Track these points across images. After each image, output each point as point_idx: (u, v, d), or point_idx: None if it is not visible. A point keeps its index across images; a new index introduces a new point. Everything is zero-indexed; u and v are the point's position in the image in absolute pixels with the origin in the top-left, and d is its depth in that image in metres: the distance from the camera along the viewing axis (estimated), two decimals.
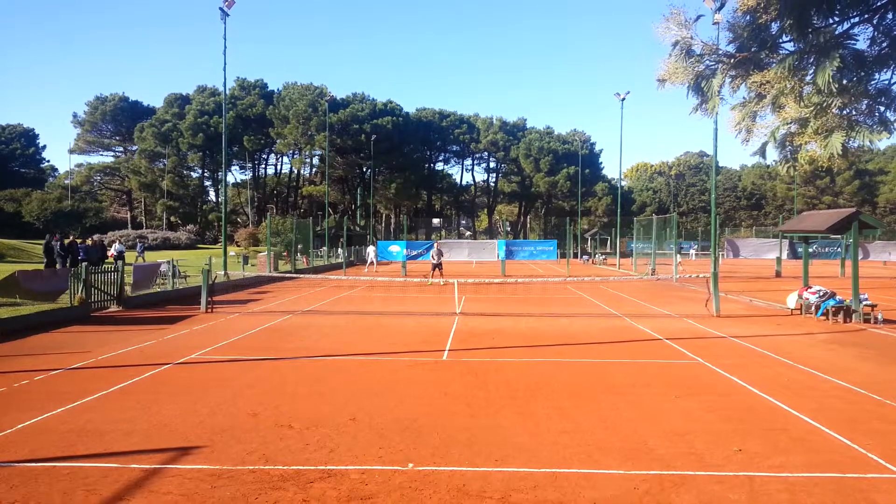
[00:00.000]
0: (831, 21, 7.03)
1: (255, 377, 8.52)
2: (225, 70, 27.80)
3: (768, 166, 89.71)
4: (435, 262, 25.39)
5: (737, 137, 8.18)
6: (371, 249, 38.88)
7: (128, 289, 17.30)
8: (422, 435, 5.98)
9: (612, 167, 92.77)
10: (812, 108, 7.23)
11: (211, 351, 10.41)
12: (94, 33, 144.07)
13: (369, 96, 77.20)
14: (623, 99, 40.07)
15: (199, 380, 8.36)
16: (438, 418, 6.55)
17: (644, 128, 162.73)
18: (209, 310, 15.73)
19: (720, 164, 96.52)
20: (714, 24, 13.48)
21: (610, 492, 4.65)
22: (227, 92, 30.71)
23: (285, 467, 5.11)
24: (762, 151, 8.40)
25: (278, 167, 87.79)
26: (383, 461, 5.27)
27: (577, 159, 67.67)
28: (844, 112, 7.32)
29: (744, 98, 7.97)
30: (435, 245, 28.13)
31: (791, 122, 7.69)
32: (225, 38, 26.36)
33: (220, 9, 25.53)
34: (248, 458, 5.33)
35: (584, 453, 5.48)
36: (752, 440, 5.86)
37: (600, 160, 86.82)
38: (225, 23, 26.00)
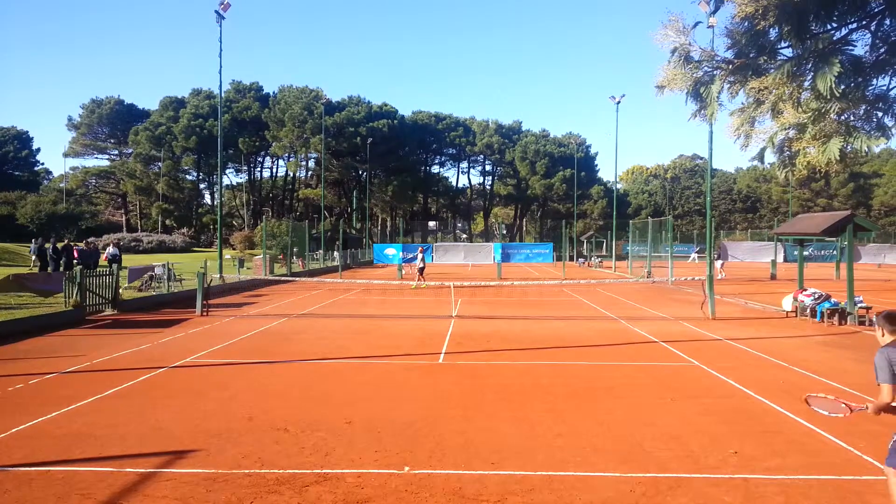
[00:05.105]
0: (829, 27, 7.07)
1: (250, 380, 8.50)
2: (220, 73, 27.59)
3: (764, 169, 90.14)
4: (420, 265, 26.64)
5: (735, 143, 8.22)
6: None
7: (122, 292, 17.23)
8: (418, 438, 5.97)
9: (608, 170, 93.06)
10: (810, 114, 7.27)
11: (206, 354, 10.38)
12: (89, 35, 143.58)
13: (365, 99, 77.29)
14: (618, 102, 40.13)
15: (195, 383, 8.33)
16: (434, 421, 6.54)
17: (639, 131, 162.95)
18: (204, 313, 15.69)
19: (715, 167, 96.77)
20: (709, 26, 13.50)
21: (606, 494, 4.65)
22: (223, 95, 30.64)
23: (281, 471, 5.10)
24: (761, 156, 8.44)
25: (274, 170, 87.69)
26: (379, 464, 5.26)
27: (573, 162, 67.68)
28: (842, 118, 7.36)
29: (742, 103, 8.00)
30: (419, 250, 29.42)
31: (789, 128, 7.72)
32: (220, 41, 26.26)
33: (216, 11, 25.48)
34: (244, 461, 5.31)
35: (580, 456, 5.49)
36: (747, 442, 5.87)
37: (596, 163, 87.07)
38: (220, 25, 25.96)
